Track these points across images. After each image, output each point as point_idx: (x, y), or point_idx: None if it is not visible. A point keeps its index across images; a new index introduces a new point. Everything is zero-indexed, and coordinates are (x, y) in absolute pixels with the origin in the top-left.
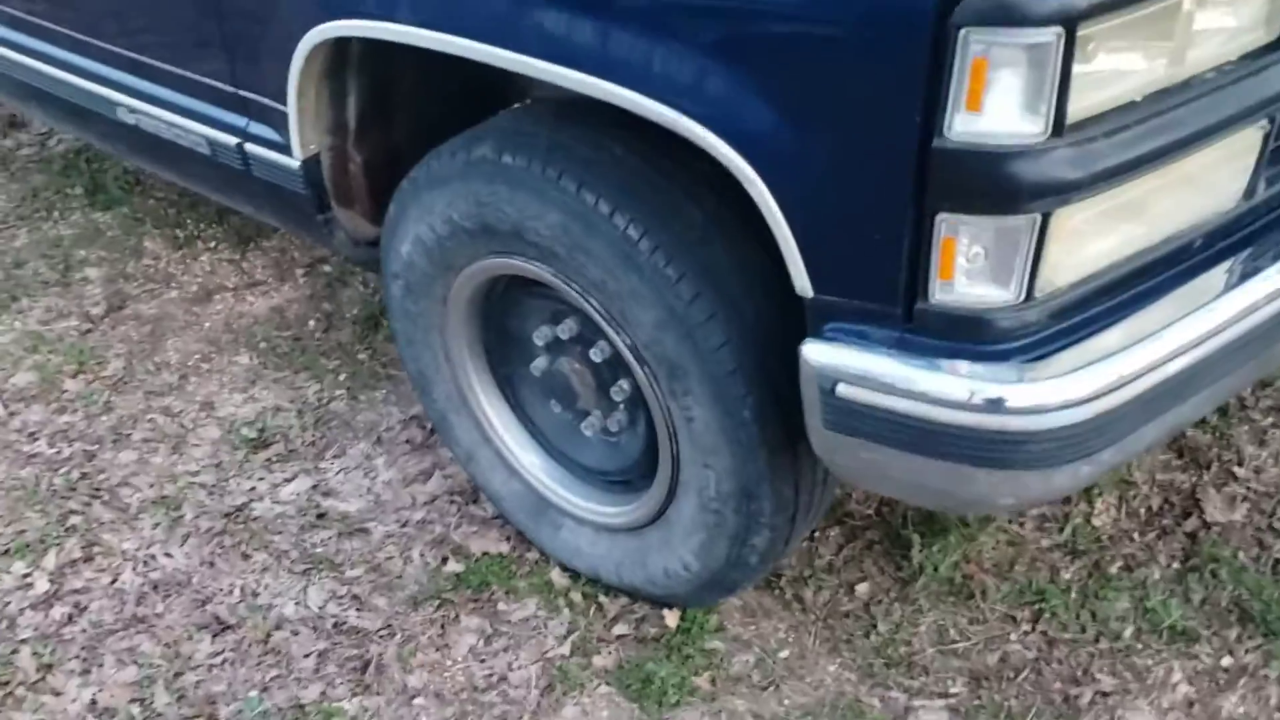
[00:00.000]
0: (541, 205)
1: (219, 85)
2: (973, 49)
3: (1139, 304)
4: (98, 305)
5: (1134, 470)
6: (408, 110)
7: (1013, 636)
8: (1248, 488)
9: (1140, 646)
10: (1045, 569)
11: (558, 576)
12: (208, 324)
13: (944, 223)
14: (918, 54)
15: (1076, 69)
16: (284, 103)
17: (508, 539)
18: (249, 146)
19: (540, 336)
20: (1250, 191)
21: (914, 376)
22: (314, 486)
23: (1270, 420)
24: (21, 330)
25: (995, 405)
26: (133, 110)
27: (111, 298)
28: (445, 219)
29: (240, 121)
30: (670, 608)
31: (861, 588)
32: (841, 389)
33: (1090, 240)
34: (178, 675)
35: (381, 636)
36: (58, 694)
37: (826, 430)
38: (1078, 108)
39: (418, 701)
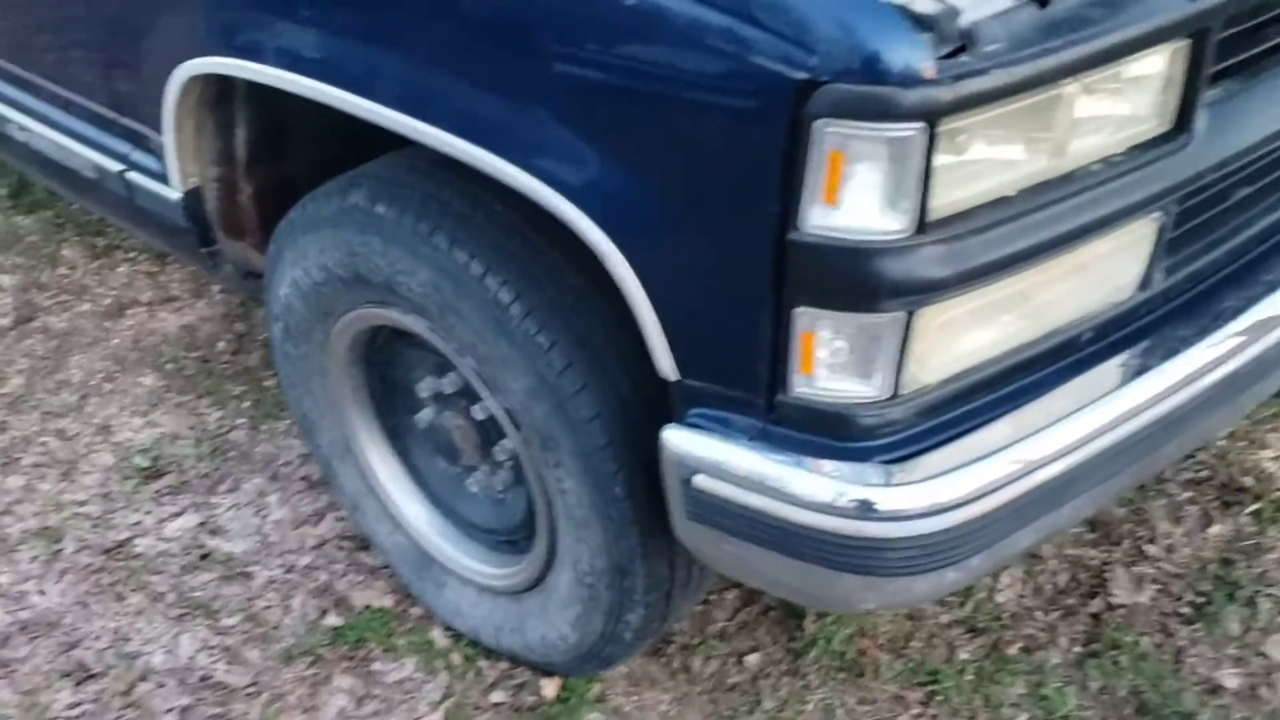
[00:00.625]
0: (413, 261)
1: (103, 111)
2: (829, 141)
3: (1018, 401)
4: (6, 316)
5: (1044, 546)
6: (302, 142)
7: (903, 717)
8: (1157, 567)
9: None
10: (942, 646)
11: (439, 636)
12: (116, 340)
13: (803, 316)
14: (773, 142)
15: (940, 164)
16: (162, 134)
17: (393, 592)
18: (131, 175)
19: (425, 389)
20: (1145, 283)
21: (770, 472)
22: (202, 524)
23: (1188, 495)
24: None
25: (852, 509)
26: (23, 128)
27: (21, 308)
28: (320, 265)
29: (124, 149)
30: (550, 675)
31: (751, 659)
32: (699, 480)
33: (963, 335)
34: None
35: (248, 695)
36: None
37: (688, 521)
38: (943, 204)
39: None
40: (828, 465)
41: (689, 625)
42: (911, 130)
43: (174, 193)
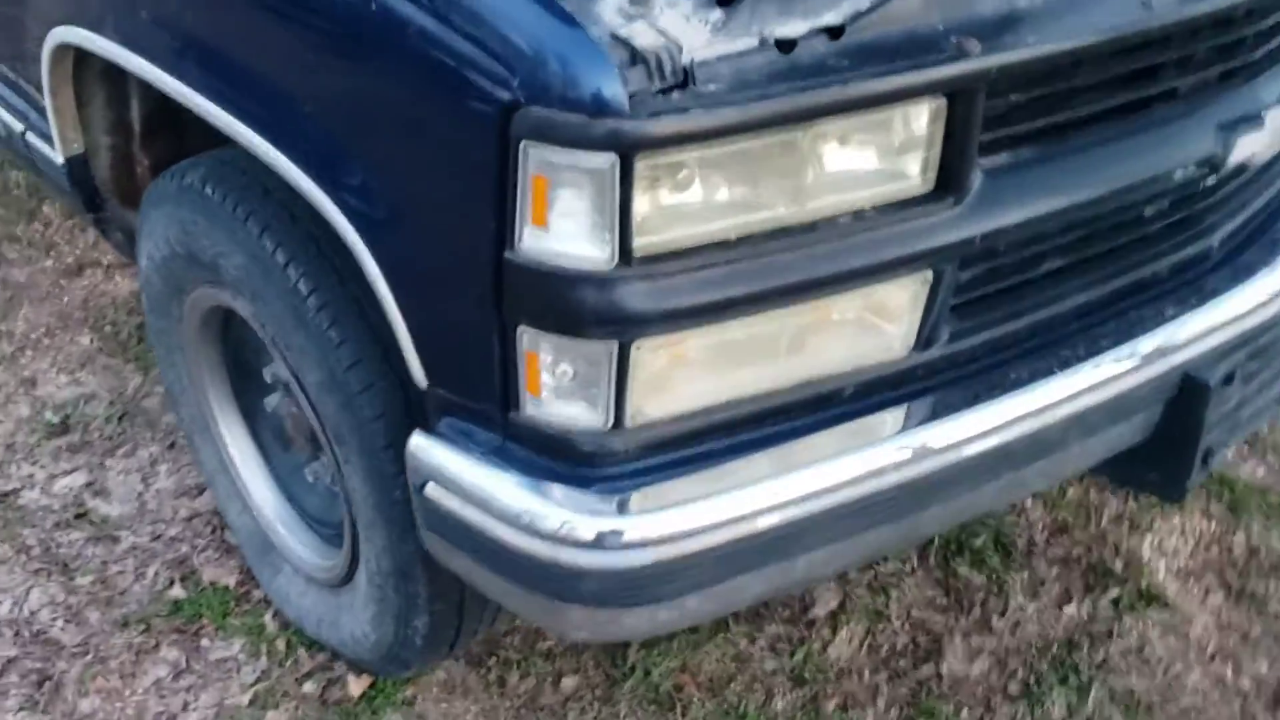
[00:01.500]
0: (230, 244)
1: (9, 74)
2: (532, 164)
3: (757, 447)
4: None
5: (892, 602)
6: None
7: None
8: (999, 642)
9: None
10: (761, 692)
11: (270, 622)
12: (67, 299)
13: (525, 335)
14: (488, 160)
15: (642, 198)
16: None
17: (241, 572)
18: (29, 136)
19: (269, 373)
20: (923, 343)
21: (485, 487)
22: (89, 484)
23: (1055, 571)
24: None
25: (551, 534)
26: None
27: None
28: (165, 240)
29: (26, 110)
30: (361, 674)
31: (568, 681)
32: (430, 489)
33: (694, 374)
34: None
35: (73, 654)
36: None
37: (425, 530)
38: (650, 239)
39: None
40: (541, 487)
41: (519, 640)
42: (605, 161)
43: (57, 157)
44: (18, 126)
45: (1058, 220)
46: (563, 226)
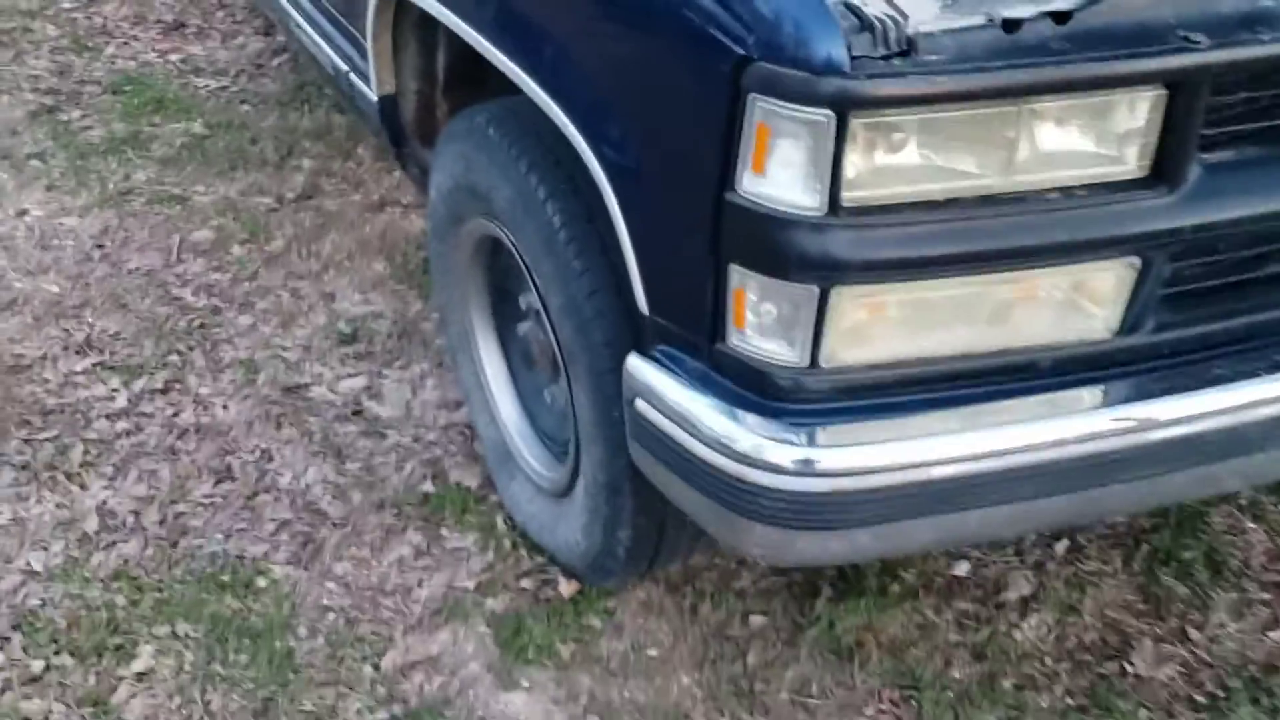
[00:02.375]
0: (503, 179)
1: (340, 19)
2: (757, 114)
3: (943, 405)
4: (293, 190)
5: (1087, 598)
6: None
7: (868, 710)
8: (1192, 652)
9: None
10: (940, 660)
11: (501, 523)
12: (368, 229)
13: (736, 273)
14: (718, 108)
15: (855, 153)
16: (366, 43)
17: (483, 477)
18: (352, 76)
19: (524, 301)
20: (1128, 328)
21: (687, 407)
22: (367, 387)
23: (1265, 596)
24: (221, 195)
25: (740, 455)
26: (297, 24)
27: (308, 187)
28: (451, 173)
29: (351, 53)
30: (571, 578)
31: (756, 619)
32: (639, 404)
33: (890, 328)
34: (172, 503)
35: (335, 525)
36: (84, 488)
37: (632, 440)
38: (862, 194)
39: (330, 585)
40: (736, 413)
41: (716, 576)
42: (823, 116)
43: (372, 95)
44: (344, 67)
45: (1277, 223)
46: (779, 174)
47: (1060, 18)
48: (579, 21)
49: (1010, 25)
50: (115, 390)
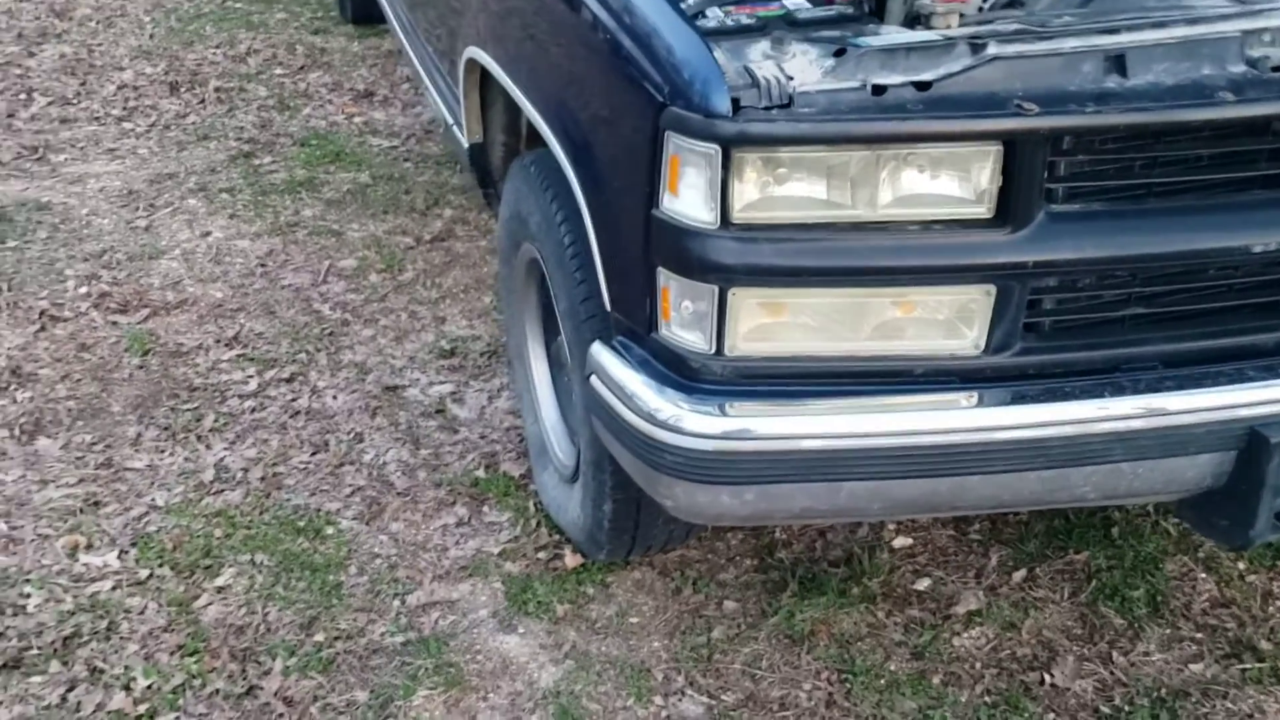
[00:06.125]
0: (535, 206)
1: (444, 76)
2: (671, 147)
3: (826, 395)
4: (431, 233)
5: (1029, 619)
6: None
7: (805, 686)
8: (1111, 672)
9: None
10: (880, 655)
11: (532, 506)
12: (485, 269)
13: (662, 275)
14: (647, 143)
15: (739, 181)
16: (459, 99)
17: (526, 469)
18: (454, 128)
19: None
20: (994, 348)
21: (622, 379)
22: (453, 392)
23: (1199, 635)
24: (370, 233)
25: (655, 419)
26: (426, 87)
27: (443, 231)
28: (509, 204)
29: (454, 106)
30: (577, 553)
31: (730, 604)
32: (592, 380)
33: (786, 328)
34: (273, 465)
35: (398, 494)
36: (209, 448)
37: (590, 413)
38: (751, 214)
39: (383, 538)
40: (657, 387)
41: (705, 568)
42: (713, 150)
43: (464, 143)
44: (449, 119)
45: (1115, 267)
46: (687, 195)
47: (922, 86)
48: (566, 82)
49: (878, 90)
50: (250, 376)
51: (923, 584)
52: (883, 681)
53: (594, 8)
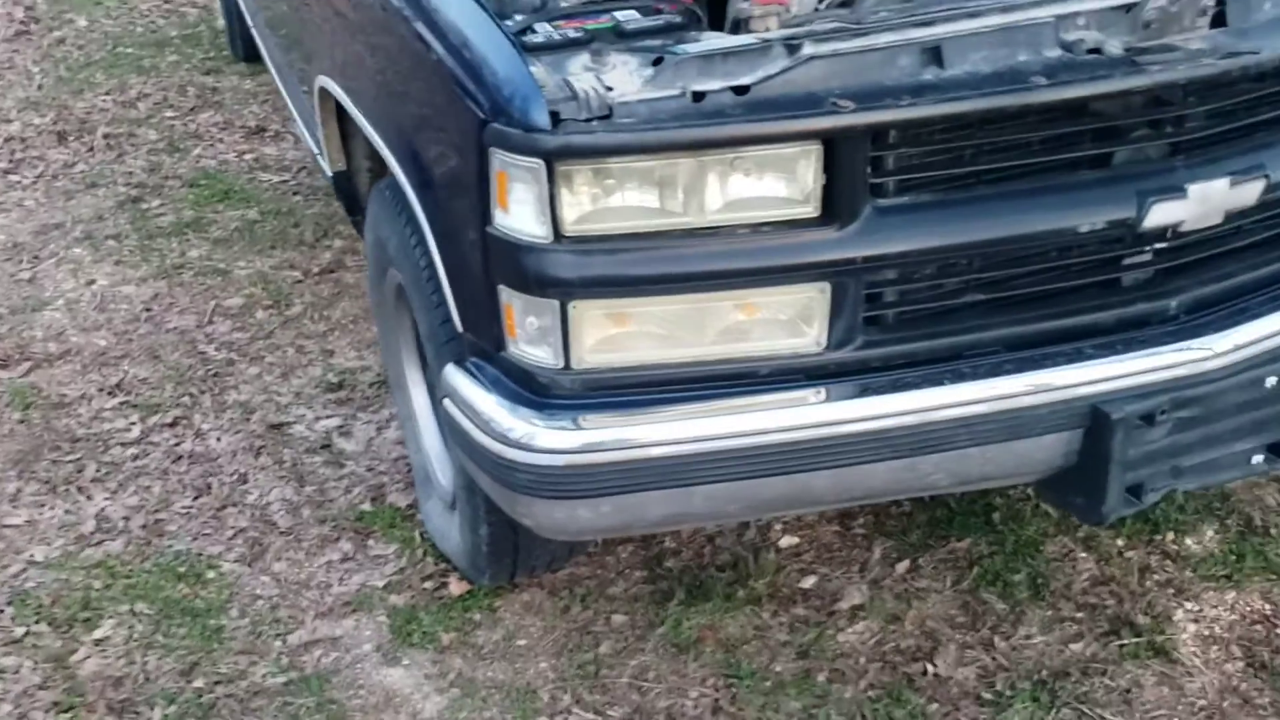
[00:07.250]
0: (392, 231)
1: (306, 107)
2: (496, 163)
3: (676, 401)
4: (319, 265)
5: (912, 610)
6: None
7: (692, 694)
8: (993, 658)
9: None
10: (766, 656)
11: (418, 536)
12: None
13: (504, 292)
14: (473, 160)
15: (566, 194)
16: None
17: (413, 500)
18: (320, 158)
19: None
20: (835, 344)
21: (473, 401)
22: (340, 426)
23: (1079, 615)
24: (256, 269)
25: (505, 438)
26: (294, 120)
27: (332, 263)
28: (372, 229)
29: (320, 136)
30: (463, 580)
31: (618, 618)
32: (446, 403)
33: (630, 338)
34: (155, 511)
35: (281, 533)
36: (89, 498)
37: (446, 434)
38: (583, 226)
39: (264, 579)
40: (508, 405)
41: (594, 584)
42: (536, 164)
43: (328, 171)
44: (316, 150)
45: (948, 256)
46: (518, 210)
47: (740, 90)
48: (400, 105)
49: (697, 96)
50: (133, 424)
51: (808, 582)
52: (768, 684)
53: (421, 30)
